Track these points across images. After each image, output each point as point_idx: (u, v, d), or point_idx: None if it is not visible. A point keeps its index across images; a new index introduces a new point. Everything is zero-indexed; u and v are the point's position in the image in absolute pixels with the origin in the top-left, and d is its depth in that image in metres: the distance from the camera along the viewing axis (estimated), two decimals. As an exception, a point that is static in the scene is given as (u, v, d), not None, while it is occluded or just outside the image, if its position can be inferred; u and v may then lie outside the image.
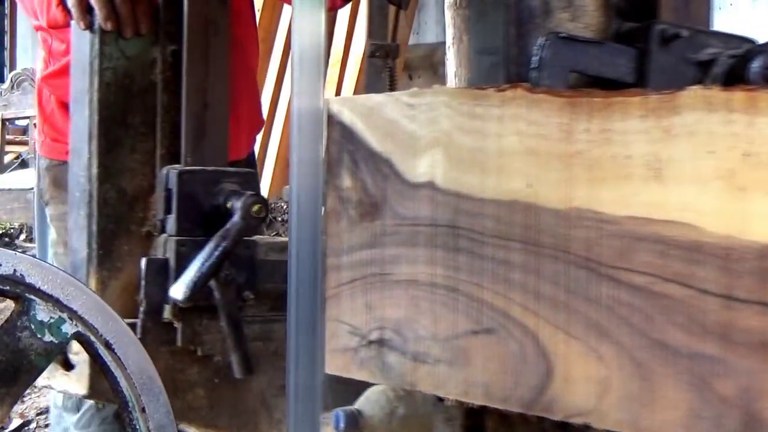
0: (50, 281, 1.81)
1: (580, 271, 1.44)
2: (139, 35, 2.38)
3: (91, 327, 1.83)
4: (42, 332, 1.80)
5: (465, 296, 1.56)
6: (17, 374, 1.79)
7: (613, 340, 1.41)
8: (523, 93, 1.50)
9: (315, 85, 1.65)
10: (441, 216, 1.59)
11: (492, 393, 1.54)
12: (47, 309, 1.80)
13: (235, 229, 2.26)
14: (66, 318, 1.81)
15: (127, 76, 2.39)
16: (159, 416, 1.88)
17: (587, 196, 1.43)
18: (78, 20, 2.37)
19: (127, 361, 1.85)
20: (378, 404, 1.93)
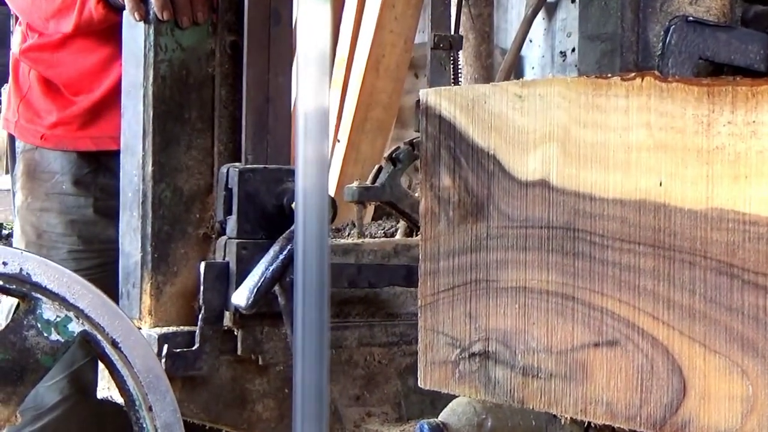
0: (56, 280, 1.79)
1: (721, 277, 1.31)
2: (196, 25, 2.25)
3: (97, 326, 1.81)
4: (48, 331, 1.79)
5: (583, 305, 1.43)
6: (24, 373, 1.78)
7: (759, 354, 1.28)
8: (654, 82, 1.36)
9: (320, 85, 1.57)
10: (556, 217, 1.46)
11: (616, 411, 1.40)
12: (54, 308, 1.78)
13: (301, 231, 2.12)
14: (72, 317, 1.79)
15: (183, 69, 2.26)
16: (166, 415, 1.86)
17: (730, 195, 1.30)
18: (132, 11, 2.23)
19: (134, 359, 1.84)
20: (465, 416, 1.84)
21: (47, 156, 2.71)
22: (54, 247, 2.69)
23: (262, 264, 2.12)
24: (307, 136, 1.60)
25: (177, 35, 2.25)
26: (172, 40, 2.24)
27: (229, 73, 2.27)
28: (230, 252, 2.19)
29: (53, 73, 2.69)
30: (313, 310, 1.62)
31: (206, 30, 2.27)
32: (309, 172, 1.61)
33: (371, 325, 2.39)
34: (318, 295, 1.62)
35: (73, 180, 2.69)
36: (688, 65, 1.45)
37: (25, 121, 2.73)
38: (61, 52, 2.66)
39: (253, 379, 2.31)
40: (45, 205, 2.72)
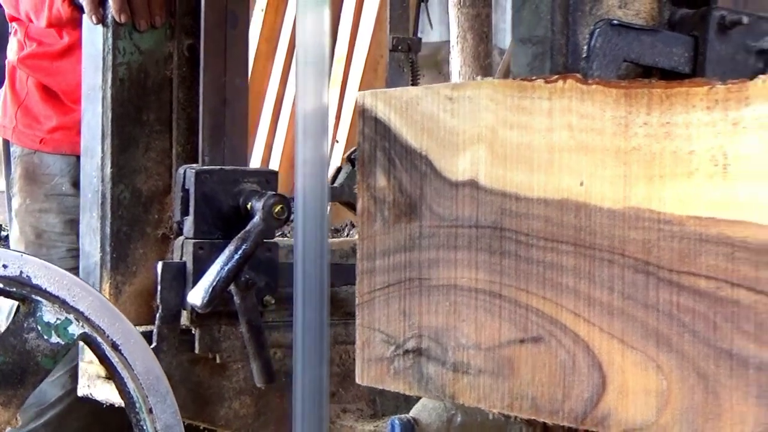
0: (56, 282, 1.79)
1: (638, 275, 1.34)
2: (154, 28, 2.29)
3: (97, 328, 1.81)
4: (49, 333, 1.79)
5: (510, 302, 1.46)
6: (24, 376, 1.78)
7: (673, 349, 1.31)
8: (575, 84, 1.39)
9: (319, 84, 1.59)
10: (484, 216, 1.49)
11: (540, 405, 1.43)
12: (54, 310, 1.78)
13: (255, 231, 2.17)
14: (72, 319, 1.79)
15: (141, 72, 2.30)
16: (166, 417, 1.86)
17: (646, 194, 1.33)
18: (90, 14, 2.27)
19: (134, 362, 1.84)
20: (435, 411, 1.87)
21: (46, 159, 2.79)
22: (54, 246, 2.76)
23: (218, 264, 2.15)
24: (306, 135, 1.62)
25: (135, 38, 2.28)
26: (130, 44, 2.28)
27: (187, 76, 2.30)
28: (187, 252, 2.23)
29: (52, 80, 2.76)
30: (313, 310, 1.63)
31: (164, 33, 2.30)
32: (308, 172, 1.63)
33: (346, 324, 2.42)
34: (318, 294, 1.64)
35: (72, 181, 2.75)
36: (613, 67, 1.48)
37: (23, 127, 2.80)
38: (61, 61, 2.73)
39: (231, 376, 2.35)
40: (44, 206, 2.79)
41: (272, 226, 2.19)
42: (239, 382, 2.31)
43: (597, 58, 1.48)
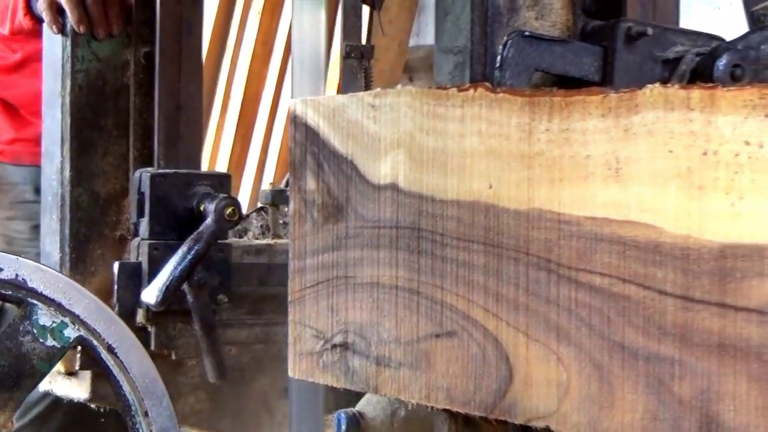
0: (52, 285, 1.79)
1: (540, 272, 1.42)
2: (112, 37, 2.37)
3: (93, 331, 1.82)
4: (44, 336, 1.79)
5: (426, 299, 1.54)
6: (20, 379, 1.78)
7: (572, 342, 1.39)
8: (484, 93, 1.48)
9: (315, 87, 1.65)
10: (403, 217, 1.57)
11: (454, 396, 1.52)
12: (49, 313, 1.79)
13: (207, 232, 2.25)
14: (68, 322, 1.80)
15: (99, 79, 2.38)
16: (162, 420, 1.87)
17: (547, 196, 1.41)
18: (50, 24, 2.35)
19: (130, 365, 1.84)
20: (379, 405, 1.93)
21: (7, 169, 2.88)
22: (23, 251, 2.82)
23: (171, 264, 2.23)
24: None
25: (93, 47, 2.36)
26: (88, 52, 2.36)
27: (144, 83, 2.38)
28: (143, 252, 2.31)
29: (8, 94, 2.85)
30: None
31: (121, 42, 2.38)
32: None
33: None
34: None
35: (35, 189, 2.83)
36: (525, 76, 1.56)
37: None
38: (15, 75, 2.82)
39: (186, 372, 2.43)
40: (10, 213, 2.87)
41: (224, 227, 2.27)
42: (194, 378, 2.39)
43: (509, 67, 1.56)
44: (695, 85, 1.30)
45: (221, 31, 6.79)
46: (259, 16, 7.58)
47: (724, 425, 1.26)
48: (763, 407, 1.23)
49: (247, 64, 6.77)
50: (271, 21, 8.37)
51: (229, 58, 7.05)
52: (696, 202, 1.28)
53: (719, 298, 1.27)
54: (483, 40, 1.63)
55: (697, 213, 1.28)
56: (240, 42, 6.69)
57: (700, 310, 1.28)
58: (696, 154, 1.29)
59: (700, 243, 1.28)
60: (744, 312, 1.25)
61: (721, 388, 1.27)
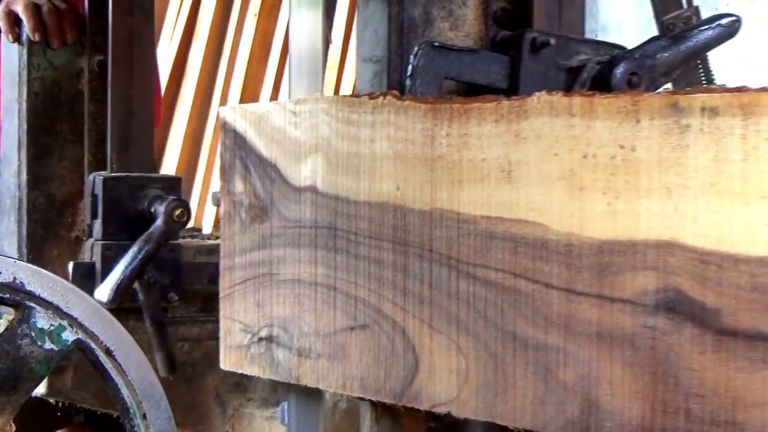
0: (50, 288, 1.79)
1: (442, 268, 1.52)
2: (67, 45, 2.47)
3: (91, 334, 1.81)
4: (42, 340, 1.78)
5: (342, 294, 1.64)
6: (18, 382, 1.77)
7: (470, 333, 1.49)
8: (392, 100, 1.58)
9: (313, 87, 1.71)
10: (321, 218, 1.67)
11: (367, 385, 1.62)
12: (47, 316, 1.78)
13: (157, 233, 2.34)
14: (66, 325, 1.79)
15: (55, 86, 2.47)
16: (160, 422, 1.87)
17: (448, 197, 1.51)
18: (6, 33, 2.45)
19: (128, 367, 1.84)
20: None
21: None
22: None
23: (122, 263, 2.33)
24: None
25: (49, 55, 2.46)
26: (44, 60, 2.46)
27: (98, 90, 2.48)
28: (96, 253, 2.41)
29: None
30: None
31: (76, 50, 2.48)
32: None
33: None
34: None
35: None
36: (434, 84, 1.66)
37: None
38: None
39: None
40: None
41: (173, 228, 2.36)
42: None
43: (420, 76, 1.66)
44: (576, 93, 1.40)
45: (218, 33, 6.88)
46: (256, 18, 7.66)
47: (602, 408, 1.36)
48: (636, 391, 1.33)
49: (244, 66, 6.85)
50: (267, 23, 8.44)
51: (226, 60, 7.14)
52: (577, 202, 1.38)
53: (598, 291, 1.37)
54: (399, 50, 1.73)
55: (578, 212, 1.38)
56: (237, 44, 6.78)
57: (581, 302, 1.38)
58: (577, 157, 1.39)
59: (581, 240, 1.38)
60: (619, 303, 1.35)
61: (599, 374, 1.37)
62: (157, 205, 2.38)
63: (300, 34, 1.71)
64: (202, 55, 6.74)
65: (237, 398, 2.55)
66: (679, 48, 1.68)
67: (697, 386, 1.29)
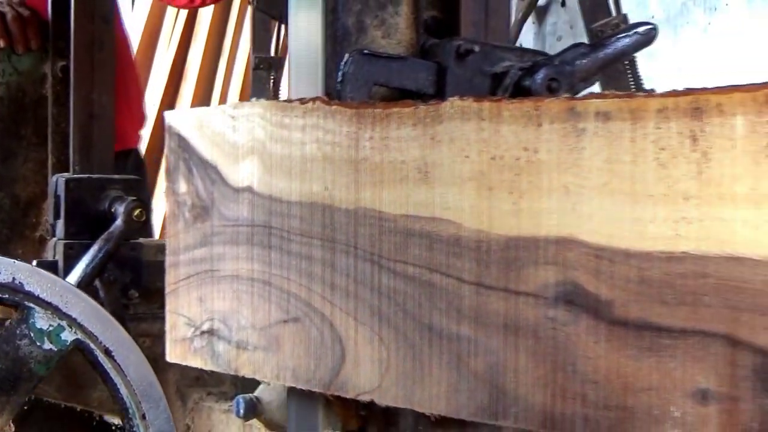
0: (49, 289, 1.79)
1: (366, 264, 1.61)
2: (31, 51, 2.55)
3: (90, 334, 1.81)
4: (41, 340, 1.78)
5: (276, 289, 1.73)
6: (17, 383, 1.77)
7: (391, 324, 1.58)
8: (321, 105, 1.67)
9: (313, 89, 1.75)
10: (257, 217, 1.76)
11: (298, 375, 1.71)
12: (46, 316, 1.78)
13: (117, 232, 2.43)
14: (65, 325, 1.79)
15: (19, 91, 2.57)
16: (159, 423, 1.88)
17: (371, 197, 1.60)
18: (-27, 40, 2.54)
19: (128, 368, 1.85)
20: (275, 391, 2.06)
21: None
22: None
23: (83, 262, 2.42)
24: None
25: (13, 60, 2.55)
26: (9, 65, 2.55)
27: (61, 94, 2.57)
28: (59, 252, 2.49)
29: None
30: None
31: (39, 56, 2.58)
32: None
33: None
34: None
35: None
36: (364, 90, 1.74)
37: None
38: None
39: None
40: None
41: (133, 227, 2.45)
42: None
43: (350, 82, 1.74)
44: (486, 98, 1.49)
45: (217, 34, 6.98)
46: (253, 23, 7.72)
47: (509, 395, 1.45)
48: (538, 378, 1.42)
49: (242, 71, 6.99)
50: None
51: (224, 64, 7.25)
52: (486, 201, 1.47)
53: (504, 285, 1.46)
54: (334, 57, 1.81)
55: (487, 210, 1.47)
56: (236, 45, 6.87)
57: (489, 295, 1.47)
58: (486, 158, 1.48)
59: (490, 236, 1.47)
60: (523, 296, 1.44)
61: (506, 363, 1.46)
62: (117, 205, 2.47)
63: (299, 34, 1.75)
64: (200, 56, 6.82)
65: (197, 392, 2.63)
66: (597, 55, 1.77)
67: (592, 373, 1.38)
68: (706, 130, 1.28)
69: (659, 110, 1.32)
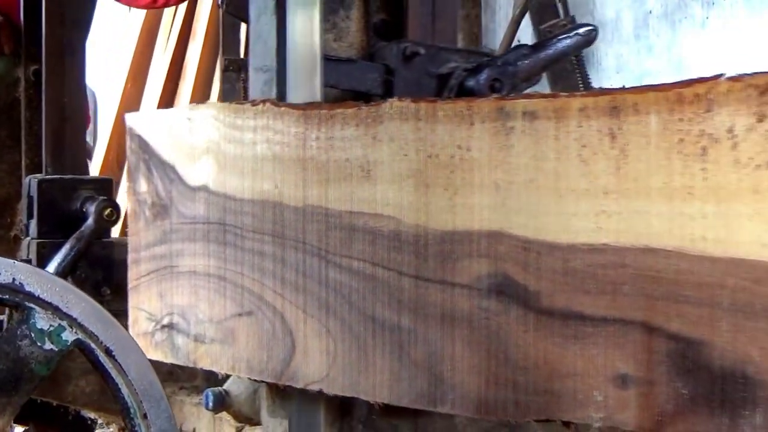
0: (49, 289, 1.78)
1: (314, 258, 1.68)
2: (4, 56, 2.62)
3: (91, 334, 1.81)
4: (42, 340, 1.78)
5: (231, 283, 1.80)
6: (18, 383, 1.77)
7: (338, 317, 1.65)
8: (271, 107, 1.73)
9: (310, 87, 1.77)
10: (213, 214, 1.83)
11: (252, 366, 1.77)
12: (47, 317, 1.78)
13: (88, 231, 2.50)
14: (66, 325, 1.79)
15: (-7, 94, 2.63)
16: (161, 422, 1.87)
17: (318, 195, 1.67)
18: (-52, 45, 2.61)
19: (128, 367, 1.83)
20: (243, 384, 2.11)
21: None
22: None
23: (55, 260, 2.48)
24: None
25: (-13, 65, 2.62)
26: (-18, 70, 2.62)
27: (34, 98, 2.64)
28: (32, 251, 2.56)
29: None
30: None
31: (12, 61, 2.64)
32: None
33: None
34: None
35: None
36: (315, 92, 1.81)
37: None
38: None
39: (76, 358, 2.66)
40: None
41: (103, 226, 2.52)
42: (84, 363, 2.62)
43: (301, 84, 1.81)
44: (423, 99, 1.56)
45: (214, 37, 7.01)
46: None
47: (446, 382, 1.52)
48: (473, 366, 1.49)
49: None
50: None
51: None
52: (424, 198, 1.54)
53: (441, 277, 1.53)
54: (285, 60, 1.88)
55: (425, 206, 1.54)
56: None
57: (428, 287, 1.54)
58: (423, 156, 1.54)
59: (428, 231, 1.54)
60: (459, 287, 1.51)
61: (444, 352, 1.52)
62: (89, 205, 2.53)
63: (296, 34, 1.77)
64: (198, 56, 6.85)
65: (169, 386, 2.69)
66: (539, 56, 1.84)
67: (522, 360, 1.45)
68: (624, 128, 1.35)
69: (581, 109, 1.39)
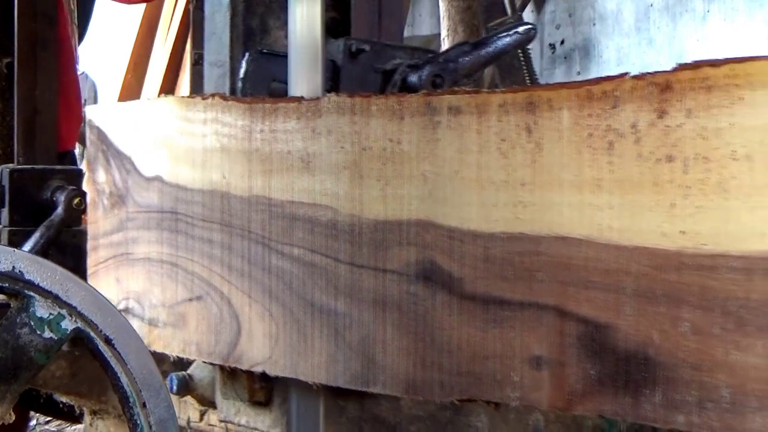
0: (49, 277, 1.79)
1: (258, 246, 1.75)
2: (-23, 49, 2.70)
3: (90, 323, 1.81)
4: (42, 329, 1.78)
5: (182, 270, 1.88)
6: (17, 371, 1.77)
7: (280, 301, 1.73)
8: (219, 100, 1.81)
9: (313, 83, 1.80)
10: (166, 204, 1.91)
11: (201, 349, 1.85)
12: (46, 305, 1.78)
13: (57, 220, 2.58)
14: (66, 314, 1.79)
15: (-33, 87, 2.71)
16: (160, 411, 1.86)
17: (262, 185, 1.75)
18: None
19: (128, 356, 1.83)
20: (206, 369, 2.14)
21: None
22: None
23: (26, 247, 2.56)
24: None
25: (-39, 58, 2.70)
26: (-44, 63, 2.70)
27: (6, 90, 2.72)
28: (3, 238, 2.64)
29: None
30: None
31: (-15, 54, 2.72)
32: None
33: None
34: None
35: None
36: (263, 86, 1.89)
37: None
38: None
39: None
40: None
41: (72, 215, 2.60)
42: None
43: (250, 79, 1.89)
44: (357, 94, 1.64)
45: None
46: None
47: (378, 364, 1.60)
48: (402, 348, 1.57)
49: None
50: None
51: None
52: (359, 188, 1.62)
53: (374, 263, 1.60)
54: (239, 56, 1.96)
55: (359, 197, 1.62)
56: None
57: (362, 273, 1.62)
58: (358, 149, 1.62)
59: (362, 220, 1.62)
60: (390, 273, 1.59)
61: (376, 335, 1.60)
62: (59, 194, 2.61)
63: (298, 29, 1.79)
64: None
65: (138, 370, 2.78)
66: (480, 53, 1.91)
67: (447, 343, 1.53)
68: (539, 122, 1.43)
69: (500, 105, 1.46)
